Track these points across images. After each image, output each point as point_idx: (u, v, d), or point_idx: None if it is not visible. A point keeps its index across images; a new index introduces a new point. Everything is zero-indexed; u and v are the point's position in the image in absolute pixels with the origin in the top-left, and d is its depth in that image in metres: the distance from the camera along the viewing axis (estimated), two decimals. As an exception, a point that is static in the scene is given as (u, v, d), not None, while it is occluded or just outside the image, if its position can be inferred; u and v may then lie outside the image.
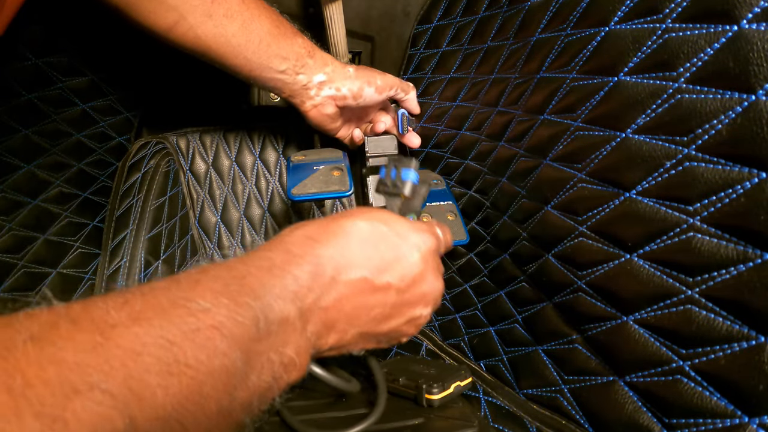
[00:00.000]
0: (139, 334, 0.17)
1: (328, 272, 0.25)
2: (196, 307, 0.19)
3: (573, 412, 0.35)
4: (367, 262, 0.27)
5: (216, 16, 0.43)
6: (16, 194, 0.47)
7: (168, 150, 0.60)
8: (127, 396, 0.16)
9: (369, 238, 0.27)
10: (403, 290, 0.28)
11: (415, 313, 0.30)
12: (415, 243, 0.29)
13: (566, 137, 0.37)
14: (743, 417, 0.25)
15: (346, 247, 0.26)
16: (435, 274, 0.30)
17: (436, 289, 0.31)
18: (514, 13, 0.46)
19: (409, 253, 0.29)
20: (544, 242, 0.39)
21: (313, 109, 0.49)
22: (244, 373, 0.20)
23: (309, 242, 0.26)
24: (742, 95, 0.25)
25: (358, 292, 0.27)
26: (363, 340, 0.29)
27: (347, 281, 0.26)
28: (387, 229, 0.28)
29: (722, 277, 0.27)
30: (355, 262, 0.26)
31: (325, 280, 0.25)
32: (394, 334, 0.31)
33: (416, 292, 0.29)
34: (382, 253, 0.27)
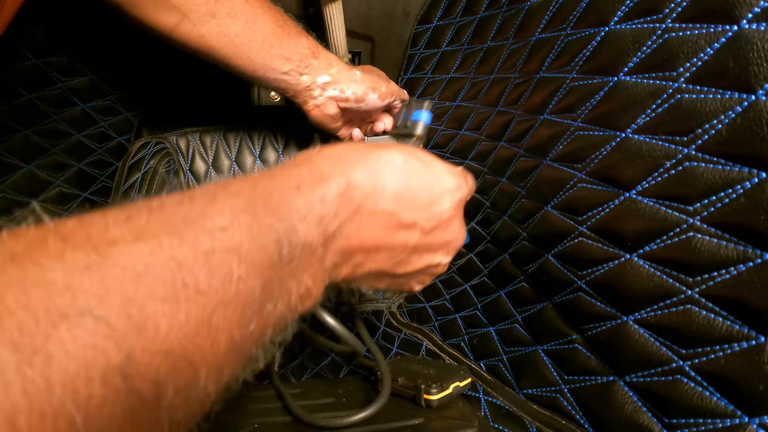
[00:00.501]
0: (143, 252, 0.15)
1: (357, 198, 0.23)
2: (212, 225, 0.17)
3: (573, 412, 0.35)
4: (397, 195, 0.24)
5: (219, 15, 0.42)
6: (16, 194, 0.47)
7: (168, 150, 0.61)
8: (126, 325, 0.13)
9: (402, 171, 0.25)
10: (427, 232, 0.26)
11: (434, 260, 0.29)
12: (448, 186, 0.27)
13: (566, 137, 0.37)
14: (743, 417, 0.25)
15: (379, 175, 0.24)
16: (461, 222, 0.29)
17: (459, 237, 0.29)
18: (514, 13, 0.46)
19: (441, 196, 0.26)
20: (544, 242, 0.39)
21: (316, 108, 0.49)
22: (260, 303, 0.18)
23: (340, 163, 0.23)
24: (742, 95, 0.25)
25: (383, 226, 0.24)
26: (376, 278, 0.27)
27: (374, 212, 0.24)
28: (422, 167, 0.26)
29: (722, 277, 0.27)
30: (385, 194, 0.24)
31: (352, 206, 0.23)
32: (409, 278, 0.29)
33: (440, 237, 0.27)
34: (414, 190, 0.25)
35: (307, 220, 0.20)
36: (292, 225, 0.20)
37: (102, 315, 0.13)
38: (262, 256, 0.18)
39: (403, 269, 0.27)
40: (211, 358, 0.16)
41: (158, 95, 0.69)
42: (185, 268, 0.15)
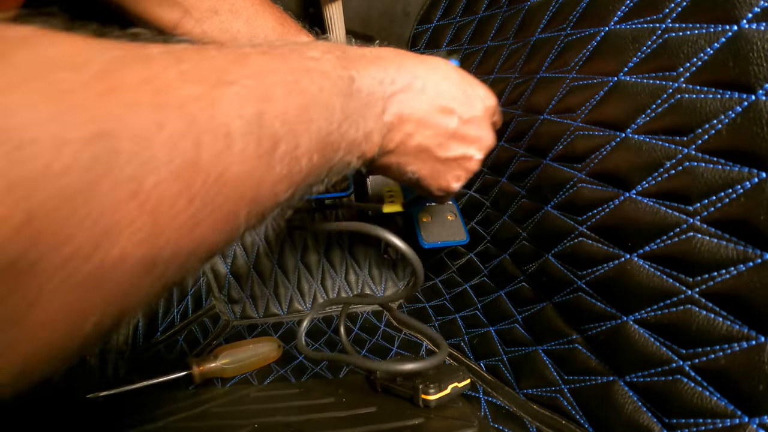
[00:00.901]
0: (268, 62, 0.20)
1: (408, 78, 0.28)
2: (310, 54, 0.23)
3: (573, 412, 0.35)
4: (439, 87, 0.30)
5: (222, 12, 0.43)
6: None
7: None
8: (261, 92, 0.19)
9: (445, 74, 0.31)
10: (464, 122, 0.32)
11: (469, 151, 0.33)
12: (481, 94, 0.33)
13: (566, 137, 0.37)
14: (743, 417, 0.25)
15: (426, 71, 0.30)
16: (490, 128, 0.34)
17: (490, 138, 0.34)
18: (513, 13, 0.46)
19: (475, 97, 0.32)
20: (544, 242, 0.39)
21: None
22: (339, 119, 0.23)
23: (396, 52, 0.29)
24: (742, 95, 0.25)
25: (428, 105, 0.29)
26: (421, 156, 0.32)
27: (423, 90, 0.29)
28: (461, 73, 0.32)
29: (722, 277, 0.27)
30: (430, 83, 0.29)
31: (405, 81, 0.28)
32: (445, 169, 0.33)
33: (474, 130, 0.32)
34: (455, 85, 0.31)
35: (371, 76, 0.26)
36: (362, 75, 0.25)
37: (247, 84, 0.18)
38: (341, 84, 0.24)
39: (443, 152, 0.32)
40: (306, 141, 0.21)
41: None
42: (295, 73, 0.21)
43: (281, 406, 0.37)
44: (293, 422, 0.33)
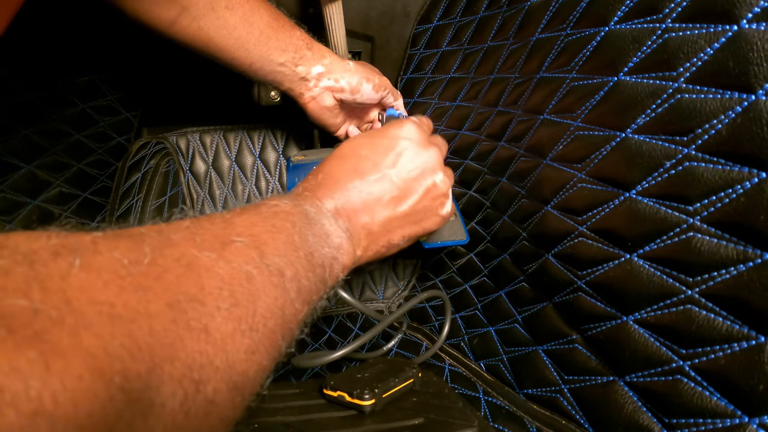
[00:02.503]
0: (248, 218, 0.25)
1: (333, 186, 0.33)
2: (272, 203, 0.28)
3: (573, 412, 0.35)
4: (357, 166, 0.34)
5: (218, 9, 0.43)
6: (16, 194, 0.47)
7: (168, 150, 0.61)
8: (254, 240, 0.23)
9: (354, 150, 0.35)
10: (399, 170, 0.34)
11: (427, 183, 0.36)
12: (391, 135, 0.35)
13: (566, 137, 0.37)
14: (743, 417, 0.25)
15: (340, 165, 0.34)
16: (420, 147, 0.36)
17: (430, 155, 0.36)
18: (513, 13, 0.46)
19: (389, 144, 0.35)
20: (544, 242, 0.39)
21: (312, 101, 0.49)
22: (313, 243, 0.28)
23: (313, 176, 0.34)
24: (742, 95, 0.25)
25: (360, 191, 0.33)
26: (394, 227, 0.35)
27: (348, 186, 0.33)
28: (366, 139, 0.36)
29: (722, 277, 0.27)
30: (348, 172, 0.33)
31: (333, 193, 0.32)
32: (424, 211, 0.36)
33: (413, 166, 0.35)
34: (367, 155, 0.34)
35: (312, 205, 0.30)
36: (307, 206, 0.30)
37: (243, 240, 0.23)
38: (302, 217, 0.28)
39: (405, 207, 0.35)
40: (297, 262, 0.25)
41: (158, 95, 0.69)
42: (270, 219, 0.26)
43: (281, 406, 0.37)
44: (293, 422, 0.33)
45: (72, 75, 0.54)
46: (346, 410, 0.36)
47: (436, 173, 0.36)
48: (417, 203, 0.35)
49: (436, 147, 0.37)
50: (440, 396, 0.38)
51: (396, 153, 0.35)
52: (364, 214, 0.33)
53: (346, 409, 0.36)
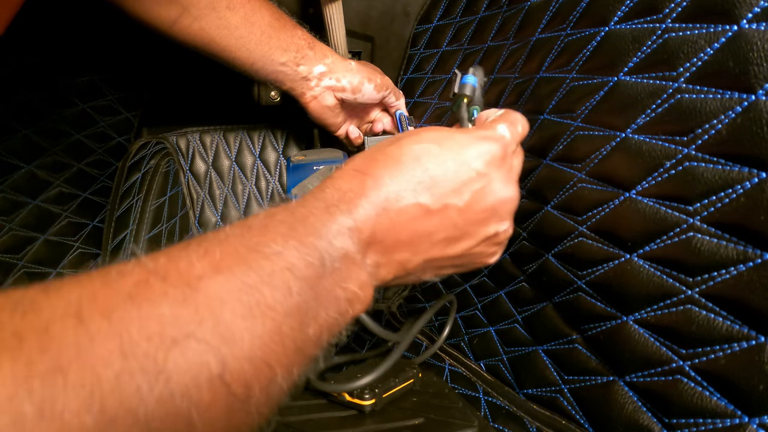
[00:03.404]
0: (222, 282, 0.19)
1: (380, 203, 0.25)
2: (269, 250, 0.20)
3: (573, 412, 0.35)
4: (418, 185, 0.25)
5: (219, 9, 0.43)
6: (16, 194, 0.47)
7: (168, 150, 0.61)
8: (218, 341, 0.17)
9: (418, 160, 0.26)
10: (465, 209, 0.27)
11: (489, 231, 0.28)
12: (470, 157, 0.27)
13: (566, 137, 0.37)
14: (743, 417, 0.25)
15: (395, 174, 0.25)
16: (503, 183, 0.28)
17: (507, 199, 0.28)
18: (513, 13, 0.46)
19: (464, 170, 0.26)
20: (544, 242, 0.39)
21: (313, 100, 0.49)
22: (314, 311, 0.21)
23: (357, 176, 0.25)
24: (742, 95, 0.25)
25: (412, 219, 0.25)
26: (433, 267, 0.28)
27: (399, 209, 0.25)
28: (437, 148, 0.26)
29: (722, 277, 0.27)
30: (404, 188, 0.25)
31: (377, 211, 0.25)
32: (472, 256, 0.29)
33: (482, 208, 0.27)
34: (433, 173, 0.26)
35: (341, 233, 0.23)
36: (329, 241, 0.23)
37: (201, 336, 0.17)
38: (311, 271, 0.21)
39: (458, 250, 0.28)
40: (283, 359, 0.20)
41: (158, 95, 0.69)
42: (256, 290, 0.19)
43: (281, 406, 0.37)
44: (293, 422, 0.33)
45: (72, 75, 0.54)
46: (346, 410, 0.36)
47: (504, 221, 0.29)
48: (470, 248, 0.28)
49: (516, 184, 0.29)
50: (440, 396, 0.38)
51: (470, 184, 0.26)
52: (406, 248, 0.26)
53: (346, 409, 0.36)
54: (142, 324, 0.16)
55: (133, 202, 0.56)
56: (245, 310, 0.18)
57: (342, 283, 0.23)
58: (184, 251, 0.19)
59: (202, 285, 0.18)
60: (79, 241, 0.53)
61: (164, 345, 0.16)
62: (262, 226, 0.22)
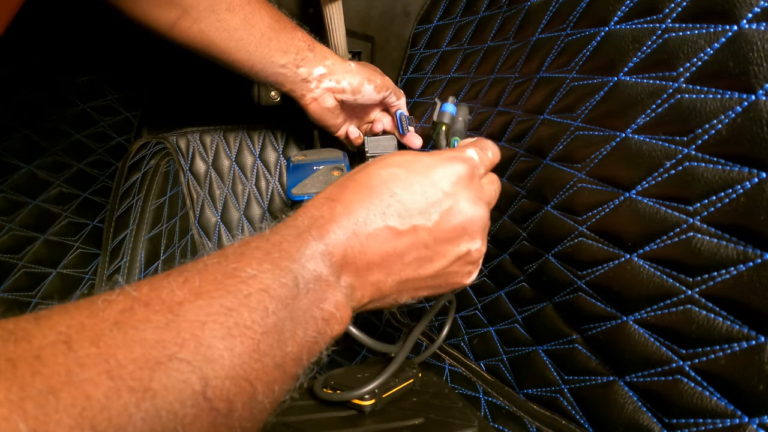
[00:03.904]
0: (202, 306, 0.20)
1: (349, 227, 0.26)
2: (245, 274, 0.22)
3: (573, 412, 0.35)
4: (387, 209, 0.26)
5: (219, 11, 0.43)
6: (16, 194, 0.47)
7: (168, 150, 0.61)
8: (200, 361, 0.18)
9: (386, 184, 0.27)
10: (434, 229, 0.27)
11: (461, 250, 0.29)
12: (437, 178, 0.28)
13: (566, 137, 0.37)
14: (743, 417, 0.25)
15: (364, 199, 0.27)
16: (471, 202, 0.28)
17: (476, 218, 0.28)
18: (513, 13, 0.46)
19: (431, 191, 0.27)
20: (544, 242, 0.39)
21: (313, 102, 0.49)
22: (292, 330, 0.22)
23: (327, 202, 0.27)
24: (742, 95, 0.25)
25: (383, 242, 0.26)
26: (409, 288, 0.29)
27: (369, 233, 0.26)
28: (404, 172, 0.27)
29: (722, 277, 0.27)
30: (373, 213, 0.26)
31: (347, 235, 0.26)
32: (447, 276, 0.30)
33: (452, 227, 0.28)
34: (401, 197, 0.27)
35: (313, 258, 0.24)
36: (302, 264, 0.24)
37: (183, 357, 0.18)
38: (286, 292, 0.22)
39: (431, 270, 0.29)
40: (263, 376, 0.20)
41: (158, 95, 0.69)
42: (234, 312, 0.20)
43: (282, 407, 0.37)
44: (293, 422, 0.33)
45: (72, 75, 0.54)
46: (346, 410, 0.36)
47: (475, 240, 0.29)
48: (444, 268, 0.29)
49: (486, 205, 0.30)
50: (440, 396, 0.38)
51: (438, 205, 0.27)
52: (379, 270, 0.27)
53: (346, 409, 0.36)
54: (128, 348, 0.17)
55: (133, 202, 0.56)
56: (224, 331, 0.19)
57: (318, 303, 0.24)
58: (165, 280, 0.20)
59: (183, 310, 0.19)
60: (79, 241, 0.53)
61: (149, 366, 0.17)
62: (238, 254, 0.23)
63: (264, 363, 0.20)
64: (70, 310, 0.18)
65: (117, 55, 0.61)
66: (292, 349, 0.22)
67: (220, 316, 0.20)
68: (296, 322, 0.22)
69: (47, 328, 0.17)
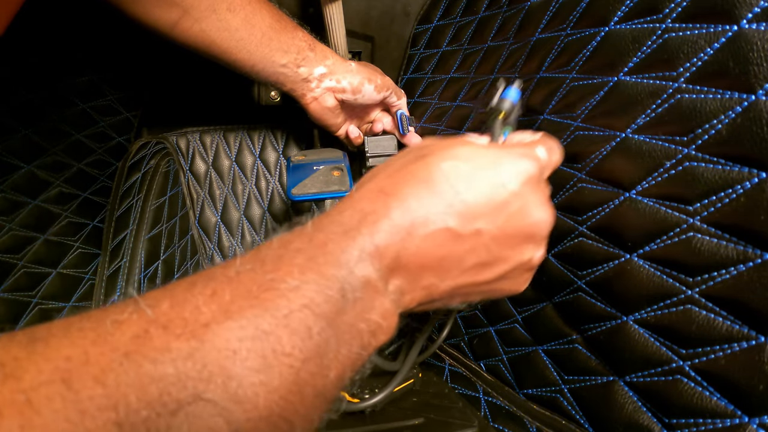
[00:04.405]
0: (233, 329, 0.16)
1: (405, 227, 0.22)
2: (286, 287, 0.18)
3: (573, 412, 0.35)
4: (448, 209, 0.23)
5: (220, 11, 0.43)
6: (16, 194, 0.47)
7: (168, 150, 0.60)
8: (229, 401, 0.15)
9: (448, 181, 0.23)
10: (498, 234, 0.24)
11: (524, 257, 0.26)
12: (505, 177, 0.24)
13: (566, 137, 0.37)
14: (743, 417, 0.25)
15: (423, 196, 0.23)
16: (540, 206, 0.26)
17: (544, 223, 0.26)
18: (514, 13, 0.46)
19: (499, 191, 0.24)
20: (544, 242, 0.39)
21: (314, 101, 0.49)
22: (335, 350, 0.19)
23: (380, 197, 0.23)
24: (742, 95, 0.25)
25: (440, 245, 0.23)
26: (461, 294, 0.26)
27: (426, 234, 0.23)
28: (468, 167, 0.24)
29: (722, 277, 0.27)
30: (433, 212, 0.23)
31: (402, 235, 0.22)
32: (503, 283, 0.27)
33: (518, 232, 0.25)
34: (465, 197, 0.23)
35: (362, 260, 0.21)
36: (350, 270, 0.20)
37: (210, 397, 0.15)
38: (331, 306, 0.19)
39: (489, 275, 0.26)
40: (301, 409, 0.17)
41: (158, 95, 0.69)
42: (271, 335, 0.17)
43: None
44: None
45: (72, 75, 0.54)
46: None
47: (539, 246, 0.27)
48: (503, 275, 0.26)
49: (552, 209, 0.27)
50: (440, 396, 0.38)
51: (504, 207, 0.24)
52: (433, 274, 0.24)
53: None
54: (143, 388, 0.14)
55: (133, 202, 0.56)
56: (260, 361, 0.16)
57: (364, 314, 0.21)
58: (189, 293, 0.17)
59: (209, 334, 0.16)
60: (79, 241, 0.53)
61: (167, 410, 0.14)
62: (276, 258, 0.20)
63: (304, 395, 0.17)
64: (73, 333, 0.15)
65: (117, 55, 0.61)
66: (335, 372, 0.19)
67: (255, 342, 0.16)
68: (340, 341, 0.19)
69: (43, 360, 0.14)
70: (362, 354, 0.21)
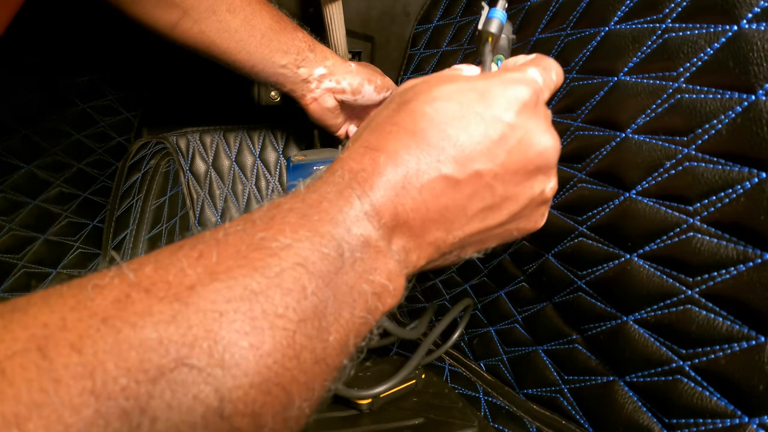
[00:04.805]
0: (219, 290, 0.15)
1: (398, 181, 0.21)
2: (277, 245, 0.17)
3: (573, 412, 0.35)
4: (440, 154, 0.21)
5: (219, 12, 0.43)
6: (16, 194, 0.47)
7: (168, 150, 0.61)
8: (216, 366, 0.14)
9: (437, 126, 0.22)
10: (501, 172, 0.22)
11: (534, 191, 0.24)
12: (498, 109, 0.22)
13: (566, 137, 0.37)
14: (743, 417, 0.25)
15: (411, 146, 0.21)
16: (541, 132, 0.23)
17: (550, 150, 0.24)
18: (513, 13, 0.46)
19: (493, 126, 0.22)
20: (544, 242, 0.39)
21: (314, 102, 0.50)
22: (335, 312, 0.18)
23: (369, 153, 0.22)
24: (742, 95, 0.25)
25: (439, 194, 0.21)
26: (474, 242, 0.25)
27: (421, 186, 0.21)
28: (456, 106, 0.22)
29: (722, 277, 0.27)
30: (425, 162, 0.21)
31: (396, 190, 0.21)
32: (518, 222, 0.25)
33: (522, 166, 0.23)
34: (456, 138, 0.21)
35: (359, 219, 0.20)
36: (347, 228, 0.19)
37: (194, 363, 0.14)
38: (328, 264, 0.18)
39: (497, 219, 0.24)
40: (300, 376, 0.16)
41: (158, 95, 0.69)
42: (261, 295, 0.16)
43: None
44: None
45: (72, 75, 0.54)
46: (346, 410, 0.36)
47: (550, 177, 0.25)
48: (515, 214, 0.24)
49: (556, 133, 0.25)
50: (440, 396, 0.38)
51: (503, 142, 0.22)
52: (438, 228, 0.22)
53: (345, 408, 0.36)
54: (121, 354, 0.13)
55: (133, 202, 0.56)
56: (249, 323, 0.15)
57: (367, 275, 0.19)
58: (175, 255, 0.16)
59: (194, 296, 0.15)
60: (79, 241, 0.53)
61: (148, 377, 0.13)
62: (267, 218, 0.18)
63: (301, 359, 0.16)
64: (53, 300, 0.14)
65: (117, 55, 0.61)
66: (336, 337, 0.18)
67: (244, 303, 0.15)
68: (341, 302, 0.18)
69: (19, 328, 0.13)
70: (368, 318, 0.19)
